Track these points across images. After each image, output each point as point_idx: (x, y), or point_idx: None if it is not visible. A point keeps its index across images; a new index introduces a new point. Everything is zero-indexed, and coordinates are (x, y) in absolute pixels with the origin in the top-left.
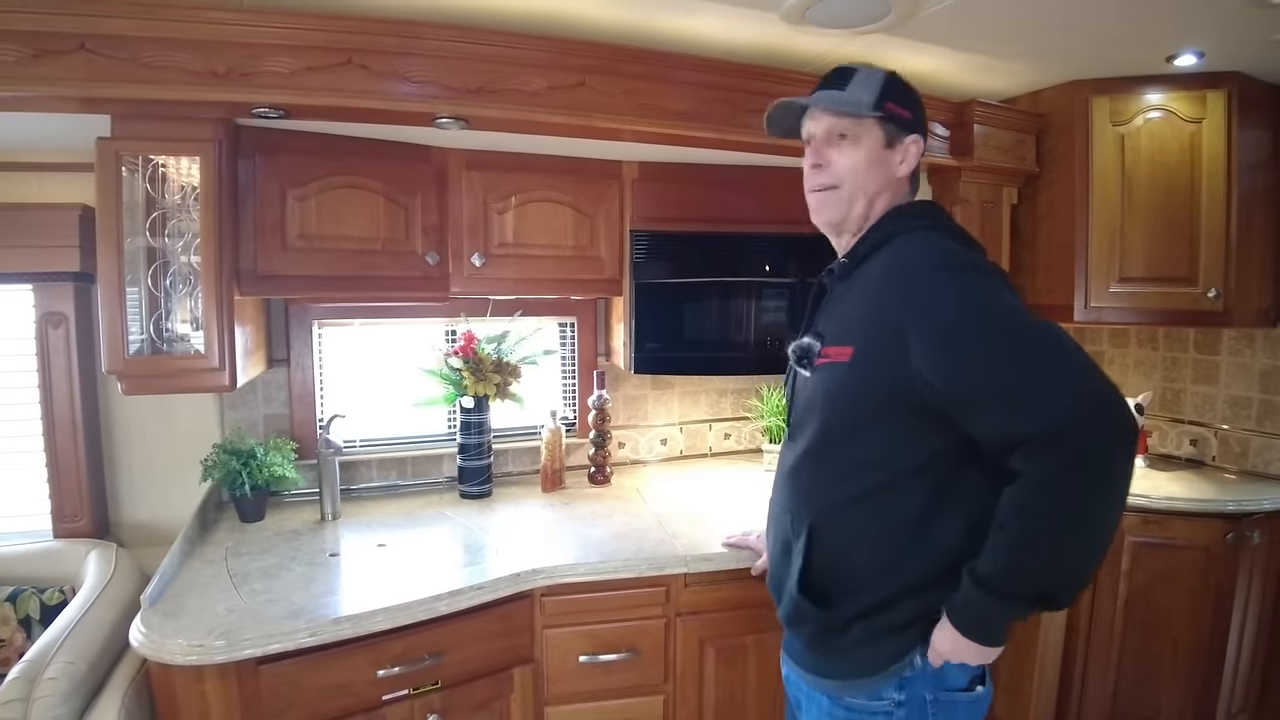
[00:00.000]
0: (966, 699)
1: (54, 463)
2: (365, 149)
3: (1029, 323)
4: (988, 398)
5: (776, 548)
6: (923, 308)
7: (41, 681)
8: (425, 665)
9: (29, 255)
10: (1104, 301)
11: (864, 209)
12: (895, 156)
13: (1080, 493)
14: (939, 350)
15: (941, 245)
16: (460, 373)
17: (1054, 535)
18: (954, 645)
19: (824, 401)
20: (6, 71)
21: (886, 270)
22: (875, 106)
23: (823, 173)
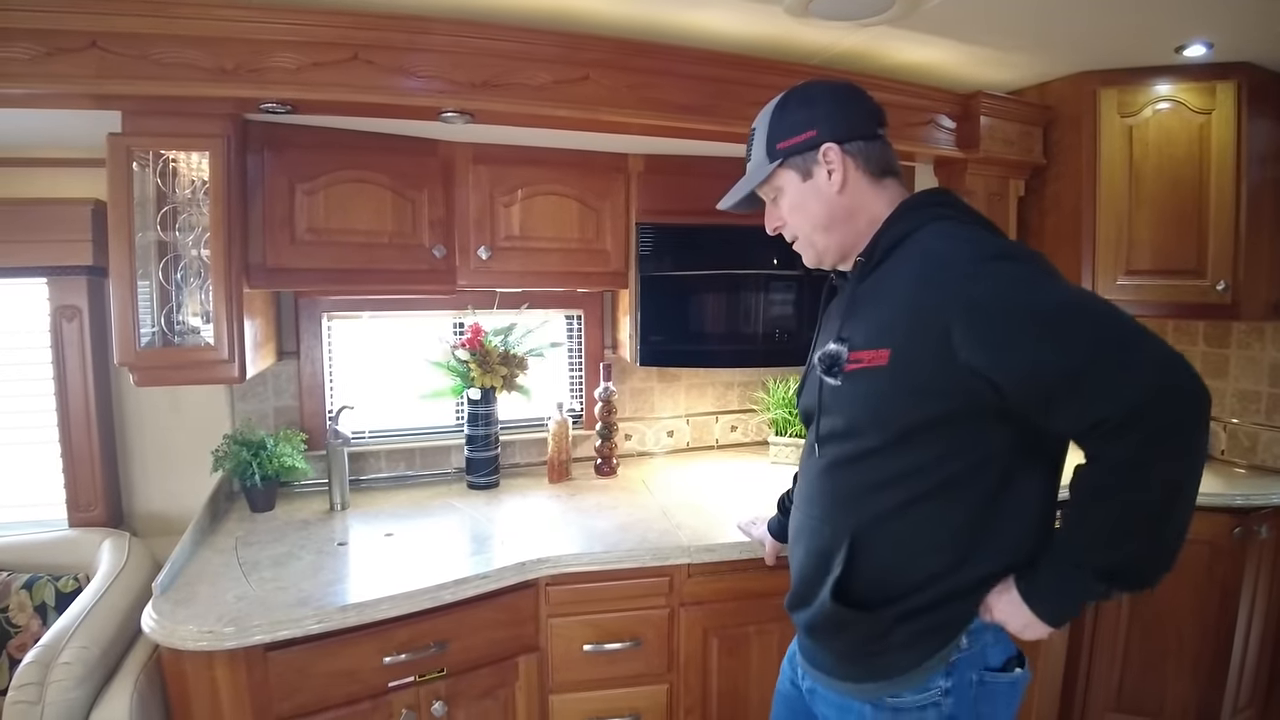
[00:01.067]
0: (1007, 680)
1: (69, 453)
2: (372, 143)
3: (1086, 303)
4: (1064, 390)
5: (810, 560)
6: (971, 303)
7: (56, 666)
8: (431, 653)
9: (43, 249)
10: (1111, 294)
11: (829, 240)
12: (819, 179)
13: (1170, 461)
14: (999, 347)
15: (972, 235)
16: (467, 365)
17: (1140, 509)
18: (1012, 611)
19: (862, 408)
20: (20, 69)
21: (922, 268)
22: (770, 156)
23: (784, 230)
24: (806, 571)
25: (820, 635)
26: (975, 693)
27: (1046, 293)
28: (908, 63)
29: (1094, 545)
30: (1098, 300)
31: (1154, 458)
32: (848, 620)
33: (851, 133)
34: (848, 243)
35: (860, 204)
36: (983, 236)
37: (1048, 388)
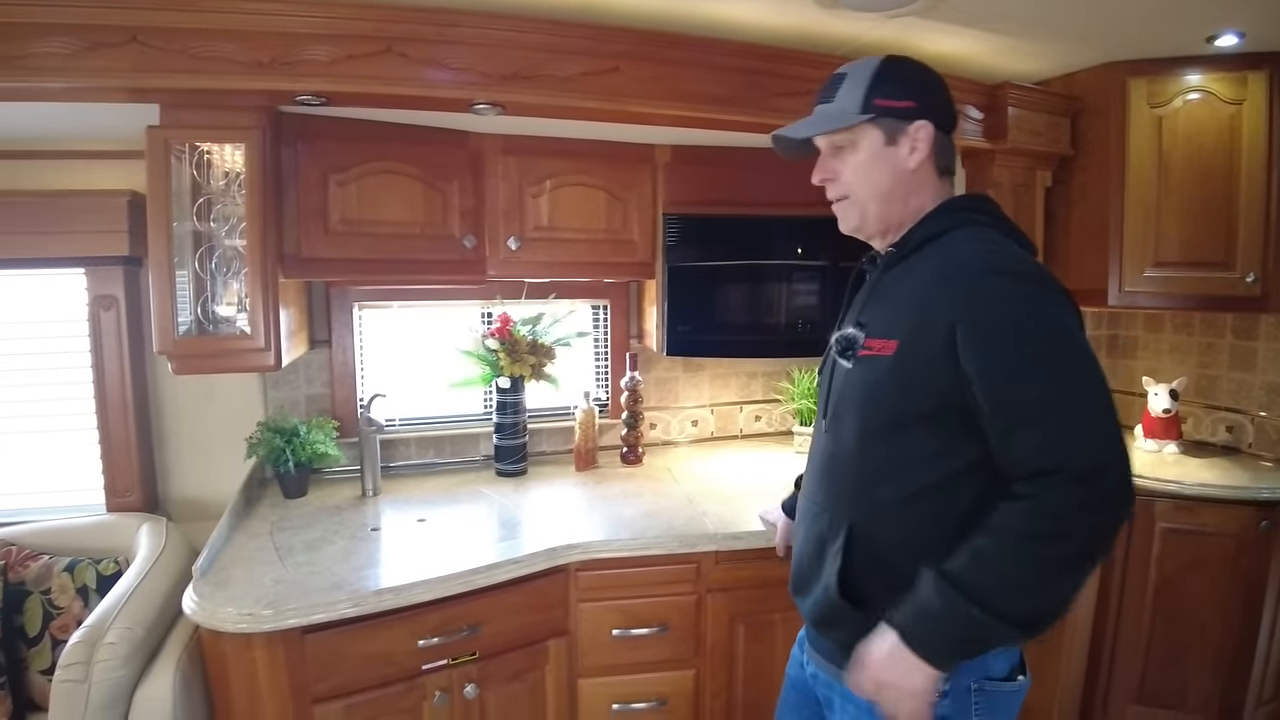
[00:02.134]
0: (1008, 689)
1: (106, 440)
2: (403, 135)
3: (1085, 354)
4: (1035, 420)
5: (809, 546)
6: (982, 312)
7: (102, 646)
8: (463, 636)
9: (80, 240)
10: (1138, 286)
11: (879, 210)
12: (901, 149)
13: (1082, 532)
14: (993, 358)
15: (1004, 249)
16: (497, 354)
17: (1045, 560)
18: (888, 659)
19: (864, 395)
20: (62, 63)
21: (942, 266)
22: (864, 108)
23: (832, 186)
24: (805, 556)
25: (821, 624)
26: (973, 699)
27: (1055, 326)
28: (935, 54)
29: (1000, 587)
30: (1093, 356)
31: (1084, 524)
32: (844, 615)
33: (941, 122)
34: (892, 220)
35: (918, 189)
36: (1007, 249)
37: (1015, 406)
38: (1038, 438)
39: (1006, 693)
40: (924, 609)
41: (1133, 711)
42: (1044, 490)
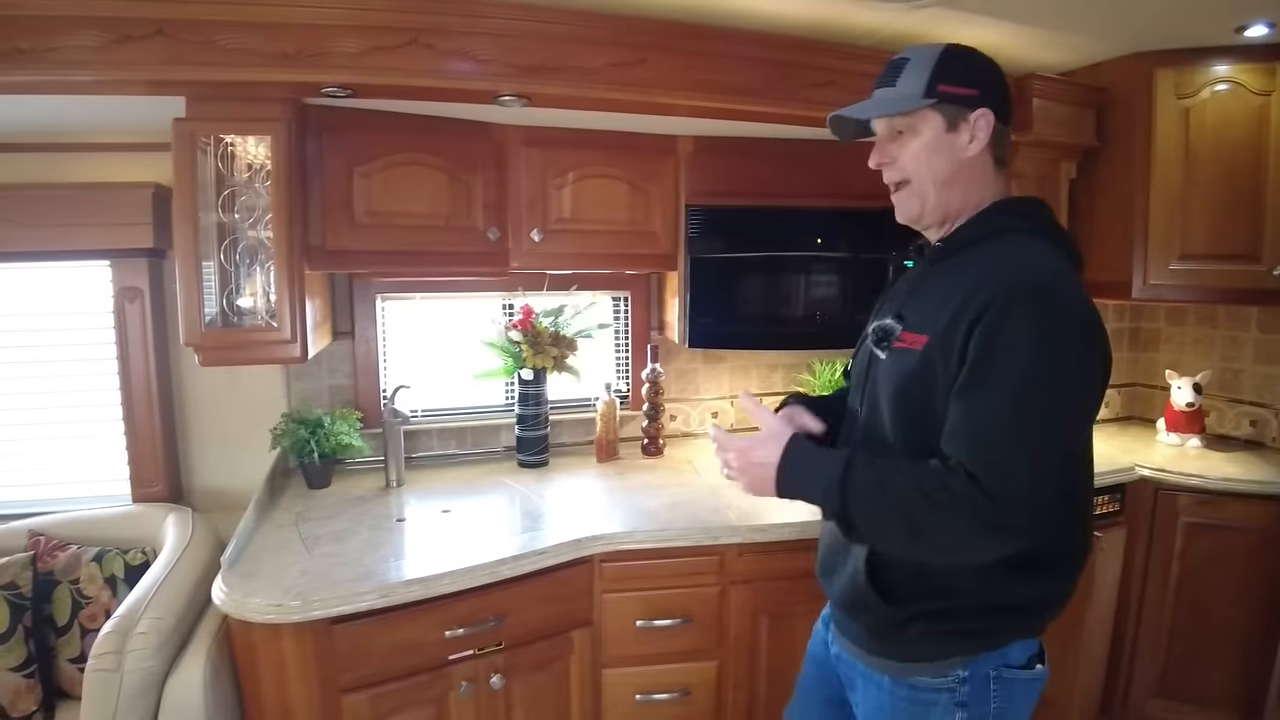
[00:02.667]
0: (1026, 676)
1: (132, 431)
2: (427, 126)
3: (1067, 392)
4: (987, 436)
5: (833, 533)
6: (1003, 322)
7: (133, 635)
8: (489, 626)
9: (105, 232)
10: (1163, 279)
11: (939, 198)
12: (961, 137)
13: (947, 534)
14: (988, 365)
15: (1046, 259)
16: (519, 346)
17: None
18: (765, 460)
19: (893, 387)
20: (90, 56)
21: (981, 270)
22: (928, 93)
23: (890, 170)
24: (833, 539)
25: (848, 609)
26: (992, 687)
27: (1059, 364)
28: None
29: (868, 493)
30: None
31: (960, 523)
32: (870, 602)
33: (1001, 113)
34: (951, 210)
35: (975, 179)
36: (1058, 271)
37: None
38: (981, 450)
39: (1024, 680)
40: (815, 463)
41: (1153, 705)
42: (958, 478)
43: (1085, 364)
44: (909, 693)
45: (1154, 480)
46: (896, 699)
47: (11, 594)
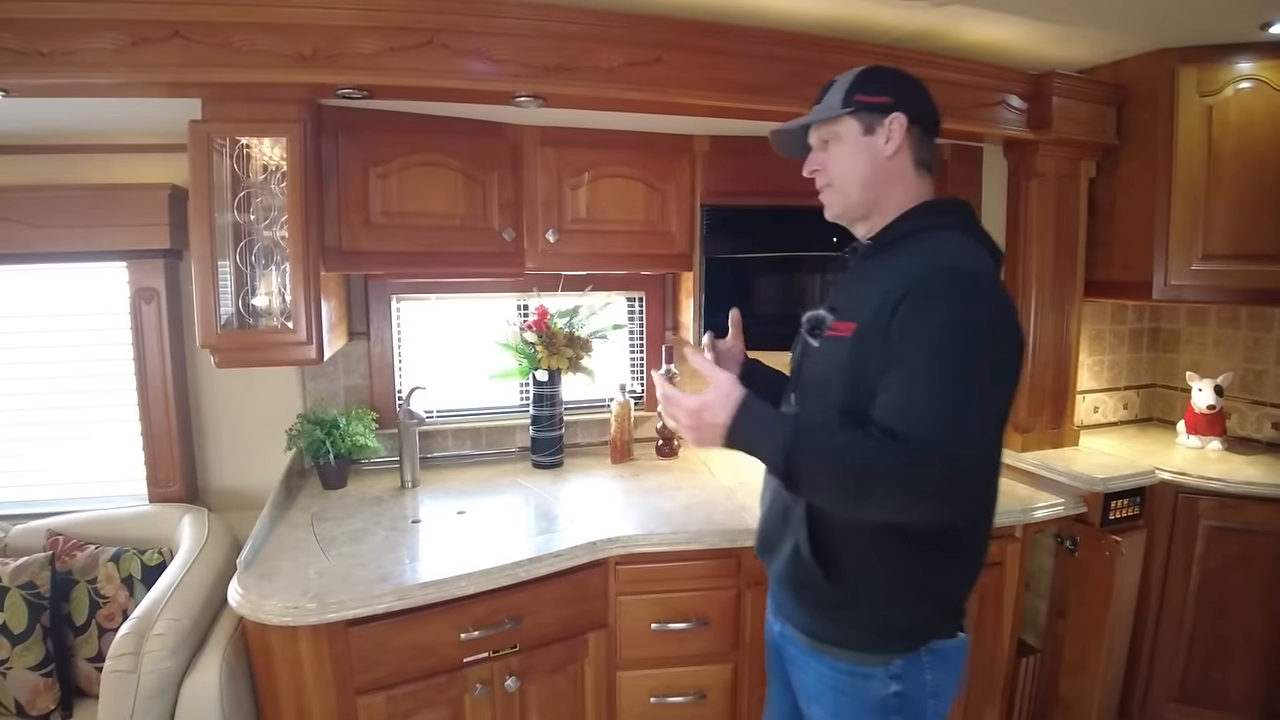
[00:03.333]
0: (954, 645)
1: (148, 431)
2: (443, 127)
3: (991, 372)
4: (913, 396)
5: (775, 509)
6: (924, 298)
7: (150, 636)
8: (505, 629)
9: (122, 233)
10: (1185, 279)
11: (861, 195)
12: (878, 140)
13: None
14: (913, 334)
15: (965, 248)
16: (534, 347)
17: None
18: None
19: (827, 372)
20: (107, 59)
21: (908, 262)
22: (845, 103)
23: (820, 175)
24: (771, 519)
25: (790, 585)
26: (925, 659)
27: (976, 330)
28: (978, 42)
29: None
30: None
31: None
32: (811, 578)
33: (919, 118)
34: (872, 208)
35: (896, 180)
36: (976, 257)
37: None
38: (907, 408)
39: (953, 649)
40: (764, 422)
41: (1172, 710)
42: (896, 442)
43: (999, 346)
44: (848, 667)
45: (1174, 483)
46: (836, 673)
47: (30, 593)
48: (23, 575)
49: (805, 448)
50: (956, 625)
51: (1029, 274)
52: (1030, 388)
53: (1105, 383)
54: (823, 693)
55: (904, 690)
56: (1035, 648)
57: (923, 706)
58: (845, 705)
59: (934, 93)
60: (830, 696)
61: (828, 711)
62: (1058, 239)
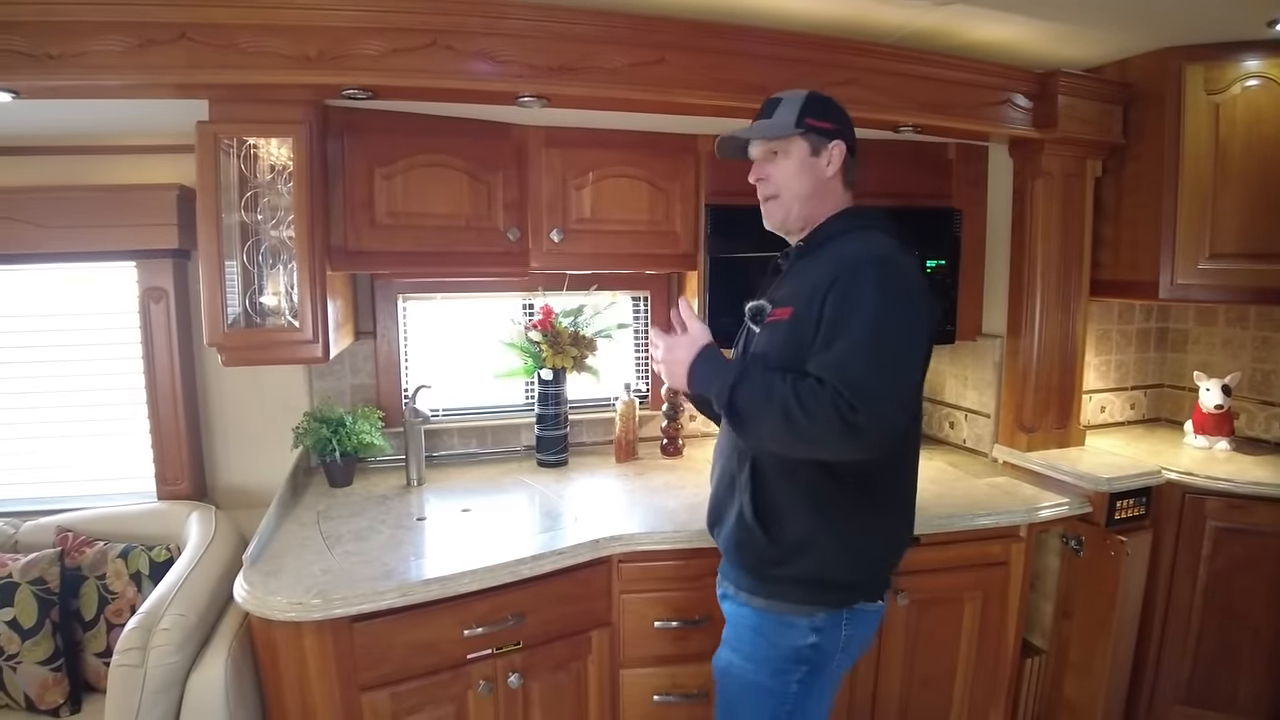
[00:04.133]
0: (874, 609)
1: (157, 429)
2: (448, 127)
3: (905, 341)
4: (840, 357)
5: (723, 481)
6: (851, 282)
7: (157, 631)
8: (509, 626)
9: (131, 233)
10: (1192, 279)
11: (801, 209)
12: (821, 161)
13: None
14: (842, 311)
15: (886, 244)
16: (539, 346)
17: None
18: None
19: (763, 350)
20: (115, 61)
21: (836, 256)
22: (798, 124)
23: (765, 185)
24: (720, 490)
25: (733, 553)
26: (844, 616)
27: (895, 307)
28: (983, 41)
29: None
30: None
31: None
32: (754, 539)
33: (850, 145)
34: (809, 219)
35: (829, 195)
36: (891, 247)
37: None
38: (842, 371)
39: (871, 613)
40: (719, 365)
41: (1178, 712)
42: (825, 388)
43: (917, 316)
44: (775, 616)
45: (1181, 484)
46: (763, 619)
47: (40, 589)
48: (33, 571)
49: (747, 385)
50: (881, 592)
51: (1034, 273)
52: (1035, 387)
53: (1112, 382)
54: (742, 636)
55: (819, 643)
56: (1040, 648)
57: (830, 660)
58: (761, 648)
59: (939, 92)
60: (749, 639)
61: (743, 656)
62: (1063, 238)
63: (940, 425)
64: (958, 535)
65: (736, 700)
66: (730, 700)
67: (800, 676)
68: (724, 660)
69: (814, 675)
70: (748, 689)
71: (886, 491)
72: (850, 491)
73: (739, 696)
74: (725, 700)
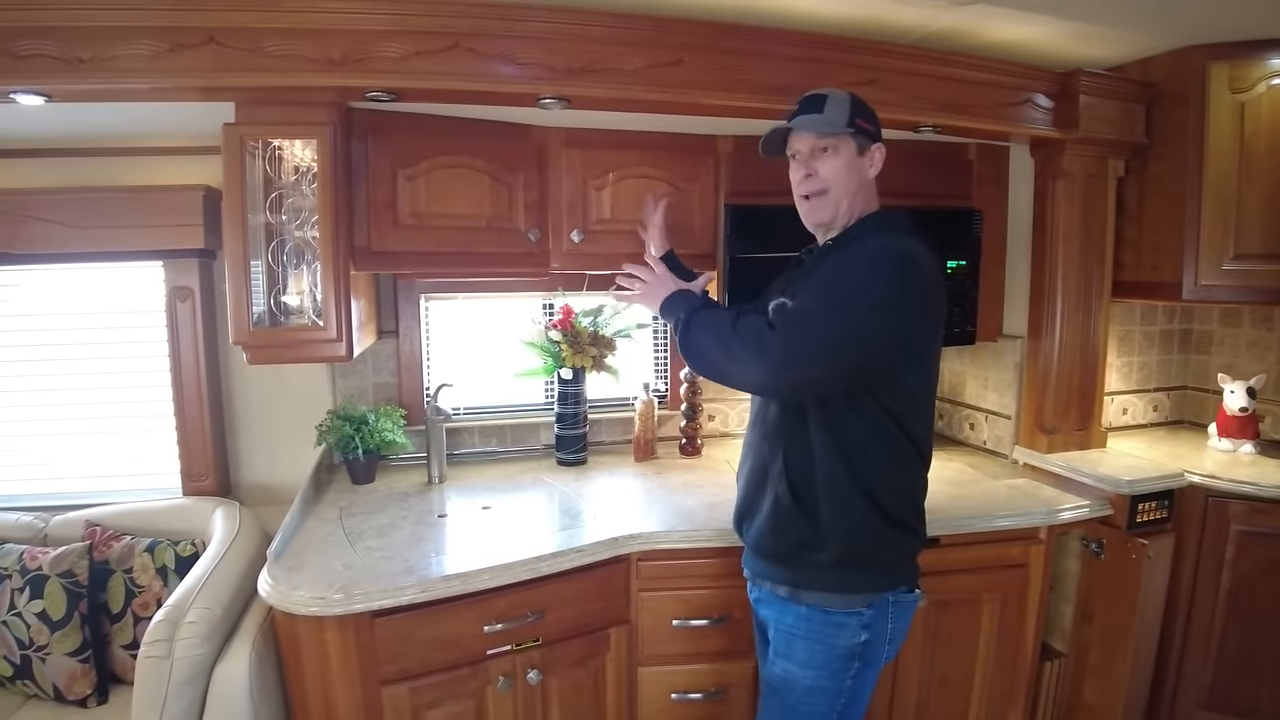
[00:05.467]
0: (911, 599)
1: (182, 426)
2: (469, 129)
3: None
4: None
5: (753, 476)
6: (849, 255)
7: (183, 624)
8: (528, 622)
9: (158, 234)
10: (1215, 279)
11: (848, 206)
12: (865, 162)
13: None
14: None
15: (907, 241)
16: (559, 345)
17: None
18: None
19: None
20: (145, 65)
21: (857, 248)
22: (848, 124)
23: (813, 180)
24: (750, 483)
25: (769, 542)
26: (890, 611)
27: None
28: (1003, 41)
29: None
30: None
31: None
32: (794, 522)
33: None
34: (852, 215)
35: (869, 196)
36: (910, 242)
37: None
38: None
39: (908, 603)
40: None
41: (1200, 718)
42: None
43: (889, 290)
44: (823, 616)
45: (1204, 487)
46: (810, 622)
47: (69, 581)
48: (62, 564)
49: (705, 310)
50: (914, 579)
51: (1055, 274)
52: (1056, 388)
53: (1134, 384)
54: (794, 645)
55: (871, 639)
56: (1060, 652)
57: (880, 652)
58: (818, 654)
59: (959, 92)
60: (803, 647)
61: (800, 664)
62: (1085, 239)
63: (960, 426)
64: (977, 536)
65: (799, 704)
66: (792, 706)
67: (855, 671)
68: (780, 670)
69: (866, 668)
70: (811, 693)
71: (905, 452)
72: (875, 459)
73: (802, 701)
74: (786, 707)
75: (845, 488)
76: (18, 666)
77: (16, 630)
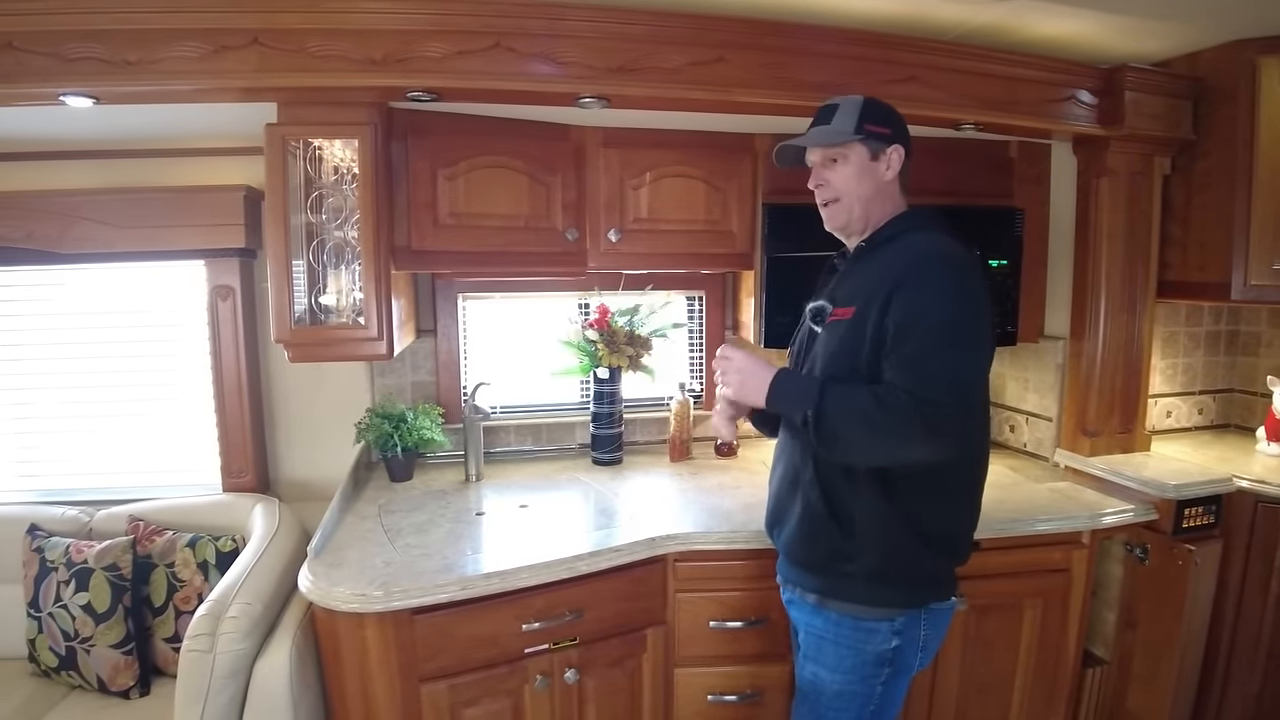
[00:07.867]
0: (946, 607)
1: (223, 423)
2: (508, 129)
3: (974, 331)
4: (911, 359)
5: (785, 480)
6: (916, 282)
7: (225, 619)
8: (566, 621)
9: (200, 233)
10: (1266, 279)
11: (862, 211)
12: (880, 165)
13: (895, 434)
14: (912, 315)
15: (947, 241)
16: (595, 345)
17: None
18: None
19: (827, 352)
20: (190, 66)
21: (895, 255)
22: (856, 130)
23: (825, 190)
24: (781, 488)
25: (800, 549)
26: (923, 618)
27: (962, 303)
28: (1046, 36)
29: (837, 407)
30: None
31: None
32: (827, 532)
33: (907, 149)
34: (870, 221)
35: (886, 198)
36: (949, 243)
37: (907, 350)
38: (916, 373)
39: (943, 610)
40: (799, 381)
41: None
42: (893, 393)
43: (983, 314)
44: (853, 622)
45: (1254, 492)
46: (840, 627)
47: (113, 575)
48: (106, 558)
49: (831, 398)
50: (952, 590)
51: (1099, 274)
52: (1099, 390)
53: (1179, 387)
54: (824, 650)
55: (902, 645)
56: (1102, 659)
57: (912, 660)
58: (847, 658)
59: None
60: (832, 652)
61: (829, 668)
62: (1129, 238)
63: (1001, 429)
64: (1018, 540)
65: (827, 709)
66: (820, 711)
67: (885, 678)
68: (810, 673)
69: (897, 675)
70: (839, 698)
71: (957, 478)
72: (920, 479)
73: (830, 706)
74: (814, 712)
75: (882, 502)
76: (63, 657)
77: (63, 622)
